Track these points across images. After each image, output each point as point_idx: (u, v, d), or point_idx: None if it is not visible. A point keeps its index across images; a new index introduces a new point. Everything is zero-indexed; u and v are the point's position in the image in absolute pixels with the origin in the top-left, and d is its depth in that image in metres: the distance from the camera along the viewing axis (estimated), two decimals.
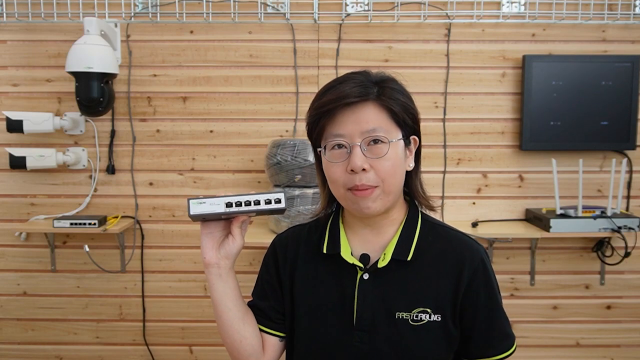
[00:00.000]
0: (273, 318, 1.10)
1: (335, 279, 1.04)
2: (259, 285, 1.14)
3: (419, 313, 0.99)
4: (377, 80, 0.99)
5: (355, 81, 0.97)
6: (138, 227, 2.45)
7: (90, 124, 2.40)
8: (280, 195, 0.96)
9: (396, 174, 0.98)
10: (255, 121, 2.40)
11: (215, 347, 2.51)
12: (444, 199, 2.42)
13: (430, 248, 1.03)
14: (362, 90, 0.96)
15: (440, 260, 1.02)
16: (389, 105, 0.97)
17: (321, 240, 1.07)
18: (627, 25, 2.36)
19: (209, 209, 0.94)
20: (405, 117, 0.99)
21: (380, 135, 0.95)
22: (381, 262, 1.01)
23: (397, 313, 0.99)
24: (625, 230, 2.18)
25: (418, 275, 1.01)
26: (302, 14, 2.36)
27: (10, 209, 2.45)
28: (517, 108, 2.38)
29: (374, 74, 1.00)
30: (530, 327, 2.48)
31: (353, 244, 1.05)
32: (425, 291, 1.00)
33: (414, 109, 1.01)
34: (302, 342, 1.06)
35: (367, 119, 0.95)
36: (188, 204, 0.95)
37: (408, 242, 1.02)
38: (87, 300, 2.49)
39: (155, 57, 2.39)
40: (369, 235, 1.05)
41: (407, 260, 1.00)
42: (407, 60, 2.38)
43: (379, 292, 1.00)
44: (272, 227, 2.19)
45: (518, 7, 2.35)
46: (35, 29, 2.38)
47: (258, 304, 1.11)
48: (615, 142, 2.35)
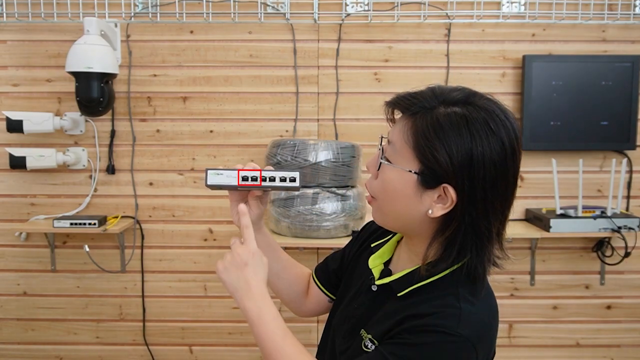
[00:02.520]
0: (331, 279, 1.16)
1: (361, 275, 1.04)
2: (339, 250, 1.20)
3: (370, 339, 0.92)
4: (444, 99, 0.85)
5: (426, 94, 0.87)
6: (138, 227, 2.45)
7: (90, 124, 2.40)
8: (295, 174, 0.98)
9: (387, 198, 0.89)
10: (255, 121, 2.40)
11: (216, 347, 2.51)
12: None
13: (420, 297, 0.90)
14: (409, 102, 0.86)
15: (414, 305, 0.89)
16: (417, 125, 0.84)
17: (381, 239, 1.07)
18: (627, 25, 2.36)
19: (224, 181, 0.97)
20: (429, 151, 0.82)
21: (386, 151, 0.89)
22: (380, 280, 0.97)
23: (362, 330, 0.95)
24: (625, 230, 2.18)
25: (393, 306, 0.92)
26: (302, 14, 2.36)
27: (10, 209, 2.45)
28: (517, 108, 2.38)
29: (458, 89, 0.87)
30: (530, 327, 2.48)
31: (396, 255, 1.01)
32: (384, 320, 0.92)
33: (450, 149, 0.81)
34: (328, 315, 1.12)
35: (396, 130, 0.88)
36: (206, 173, 0.98)
37: (411, 281, 0.91)
38: (87, 300, 2.49)
39: (155, 57, 2.39)
40: (402, 252, 0.99)
41: (397, 295, 0.92)
42: (407, 60, 2.38)
43: (370, 308, 0.98)
44: (272, 227, 2.19)
45: (518, 7, 2.35)
46: (35, 29, 2.38)
47: (328, 261, 1.19)
48: (615, 142, 2.35)
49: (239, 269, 0.90)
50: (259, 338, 0.88)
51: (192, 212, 2.44)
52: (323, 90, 2.37)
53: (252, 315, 0.89)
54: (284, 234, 2.13)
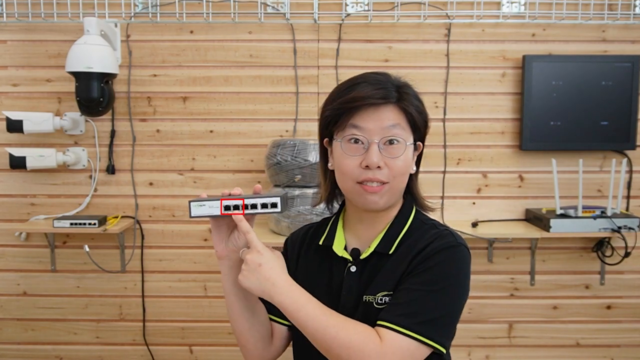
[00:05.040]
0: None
1: (327, 271, 1.09)
2: None
3: (383, 296, 1.01)
4: (397, 85, 1.04)
5: (378, 82, 1.02)
6: (138, 227, 2.45)
7: (90, 124, 2.40)
8: (276, 199, 1.00)
9: (405, 175, 1.04)
10: (255, 121, 2.40)
11: (215, 347, 2.51)
12: (444, 199, 2.42)
13: (410, 242, 1.05)
14: (386, 93, 1.01)
15: (411, 247, 1.03)
16: (408, 110, 1.02)
17: (322, 234, 1.13)
18: (627, 25, 2.36)
19: (207, 212, 1.01)
20: (419, 123, 1.05)
21: (398, 136, 1.01)
22: (364, 254, 1.06)
23: (365, 296, 1.03)
24: (625, 230, 2.18)
25: (391, 264, 1.03)
26: (302, 14, 2.36)
27: (10, 209, 2.45)
28: (517, 108, 2.38)
29: (393, 77, 1.06)
30: (530, 327, 2.48)
31: (348, 239, 1.11)
32: (390, 275, 1.02)
33: (427, 116, 1.07)
34: (298, 331, 1.08)
35: (388, 119, 1.01)
36: (189, 205, 1.01)
37: (393, 237, 1.05)
38: (87, 300, 2.49)
39: (155, 57, 2.39)
40: (362, 230, 1.09)
41: (388, 253, 1.04)
42: (407, 60, 2.38)
43: (363, 283, 1.04)
44: (272, 227, 2.19)
45: (518, 7, 2.35)
46: (35, 29, 2.38)
47: None
48: (615, 142, 2.35)
49: (255, 272, 0.96)
50: (302, 325, 0.94)
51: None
52: (323, 90, 2.37)
53: (287, 306, 0.95)
54: (284, 234, 2.13)
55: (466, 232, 2.18)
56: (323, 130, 1.08)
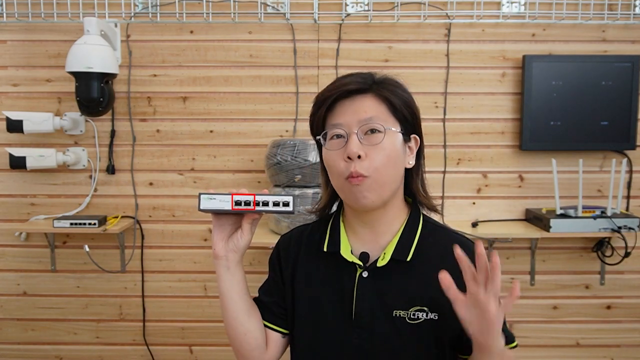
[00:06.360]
0: (276, 313, 1.12)
1: (335, 277, 1.05)
2: (265, 283, 1.17)
3: (416, 312, 1.00)
4: (378, 78, 1.03)
5: (357, 76, 1.02)
6: (138, 227, 2.45)
7: (90, 124, 2.40)
8: (289, 198, 0.98)
9: (389, 165, 0.99)
10: (255, 121, 2.40)
11: (215, 347, 2.51)
12: (444, 199, 2.42)
13: (430, 249, 1.03)
14: (362, 82, 1.00)
15: (439, 261, 1.00)
16: (388, 97, 1.00)
17: (322, 239, 1.09)
18: (627, 25, 2.36)
19: (218, 206, 0.98)
20: (405, 112, 1.02)
21: (377, 124, 0.98)
22: (381, 261, 1.02)
23: (395, 311, 1.00)
24: (625, 230, 2.18)
25: (417, 275, 1.01)
26: (302, 14, 2.36)
27: (10, 209, 2.45)
28: (517, 108, 2.38)
29: (377, 73, 1.04)
30: (530, 327, 2.48)
31: (353, 243, 1.07)
32: (422, 290, 1.00)
33: (413, 105, 1.04)
34: (302, 338, 1.08)
35: (365, 108, 0.99)
36: (199, 197, 0.99)
37: (408, 243, 1.03)
38: (87, 300, 2.49)
39: (155, 57, 2.39)
40: (368, 234, 1.06)
41: (406, 260, 1.01)
42: (407, 60, 2.38)
43: (378, 290, 1.01)
44: (272, 227, 2.19)
45: (518, 7, 2.35)
46: (35, 29, 2.38)
47: (263, 299, 1.14)
48: (615, 142, 2.35)
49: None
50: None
51: (192, 212, 2.44)
52: None
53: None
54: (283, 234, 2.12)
55: (466, 232, 2.18)
56: (313, 135, 1.07)
